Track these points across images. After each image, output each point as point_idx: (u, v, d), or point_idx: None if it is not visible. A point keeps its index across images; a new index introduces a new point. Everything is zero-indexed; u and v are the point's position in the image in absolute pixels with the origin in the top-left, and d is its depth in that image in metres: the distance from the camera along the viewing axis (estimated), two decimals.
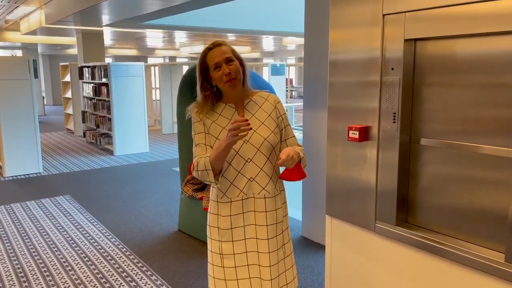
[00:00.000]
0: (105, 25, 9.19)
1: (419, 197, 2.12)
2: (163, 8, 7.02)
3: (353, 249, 2.41)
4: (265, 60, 24.14)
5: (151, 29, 10.68)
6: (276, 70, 10.14)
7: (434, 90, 2.01)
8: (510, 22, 1.68)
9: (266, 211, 1.79)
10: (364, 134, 2.23)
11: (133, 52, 21.30)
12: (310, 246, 3.84)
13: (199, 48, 17.93)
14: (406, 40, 2.02)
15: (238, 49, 18.06)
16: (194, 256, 3.65)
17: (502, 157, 1.78)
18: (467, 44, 1.87)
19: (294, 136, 1.93)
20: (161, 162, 7.59)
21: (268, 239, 1.80)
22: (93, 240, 4.05)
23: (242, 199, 1.78)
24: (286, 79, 11.95)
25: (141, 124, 8.36)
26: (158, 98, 12.24)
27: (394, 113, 2.09)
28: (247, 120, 1.57)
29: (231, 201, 1.78)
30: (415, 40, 2.03)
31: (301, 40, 15.01)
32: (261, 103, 1.84)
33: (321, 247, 3.82)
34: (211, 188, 1.90)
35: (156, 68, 12.34)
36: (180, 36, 14.52)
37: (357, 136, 2.23)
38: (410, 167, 2.15)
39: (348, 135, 2.27)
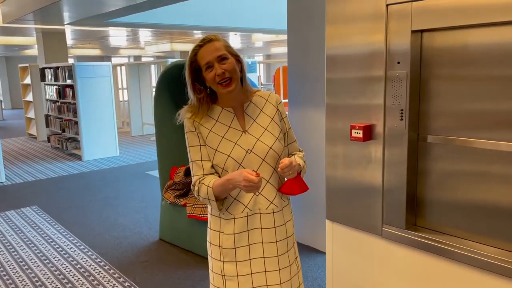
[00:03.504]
0: (67, 24, 8.74)
1: (428, 199, 2.01)
2: (127, 6, 6.71)
3: (358, 255, 2.28)
4: None
5: (116, 27, 10.28)
6: (248, 68, 9.95)
7: (443, 84, 1.89)
8: None
9: (275, 227, 1.61)
10: (368, 133, 2.09)
11: (96, 52, 20.57)
12: (303, 251, 3.69)
13: (165, 46, 17.48)
14: (413, 32, 1.89)
15: None
16: (180, 266, 3.43)
17: None
18: (478, 35, 1.76)
19: (295, 140, 1.76)
20: (133, 166, 7.27)
21: (278, 256, 1.63)
22: (67, 255, 3.76)
23: (247, 216, 1.59)
24: (258, 76, 11.82)
25: (110, 127, 7.99)
26: (125, 98, 11.82)
27: (402, 110, 1.96)
28: (259, 177, 1.42)
29: (234, 218, 1.59)
30: (422, 31, 1.91)
31: (268, 37, 14.88)
32: (262, 105, 1.65)
33: (313, 252, 3.68)
34: None
35: (123, 68, 11.90)
36: (145, 35, 14.10)
37: (361, 135, 2.08)
38: (418, 166, 2.02)
39: (351, 134, 2.12)
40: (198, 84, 1.58)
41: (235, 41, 17.06)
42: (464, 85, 1.83)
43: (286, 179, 1.64)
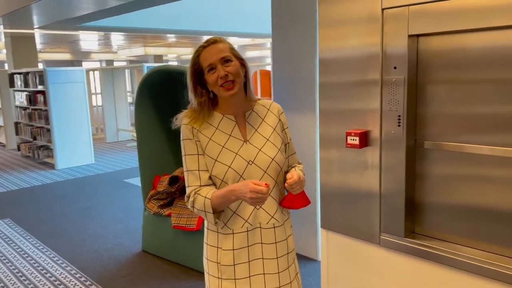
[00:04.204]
0: (37, 28, 8.44)
1: (426, 205, 1.97)
2: (98, 10, 6.52)
3: (354, 265, 2.22)
4: None
5: (88, 31, 10.01)
6: None
7: (439, 88, 1.86)
8: None
9: (276, 242, 1.53)
10: (365, 139, 2.05)
11: (66, 56, 20.06)
12: None
13: (139, 50, 17.19)
14: (410, 36, 1.85)
15: (179, 50, 17.43)
16: (165, 278, 3.31)
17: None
18: (475, 39, 1.73)
19: (295, 152, 1.69)
20: (110, 174, 7.06)
21: (278, 272, 1.55)
22: (44, 271, 3.57)
23: (247, 231, 1.50)
24: None
25: (85, 133, 7.74)
26: (99, 104, 11.53)
27: (399, 116, 1.92)
28: (267, 187, 1.34)
29: (233, 233, 1.50)
30: (418, 35, 1.87)
31: (244, 41, 14.81)
32: (263, 114, 1.57)
33: (303, 259, 3.62)
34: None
35: (96, 72, 11.61)
36: (117, 39, 13.81)
37: (357, 142, 2.04)
38: (416, 172, 1.99)
39: (347, 141, 2.07)
40: (200, 87, 1.50)
41: None
42: (461, 89, 1.80)
43: (286, 192, 1.57)
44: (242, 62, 1.49)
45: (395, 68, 1.91)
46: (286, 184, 1.42)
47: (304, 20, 3.27)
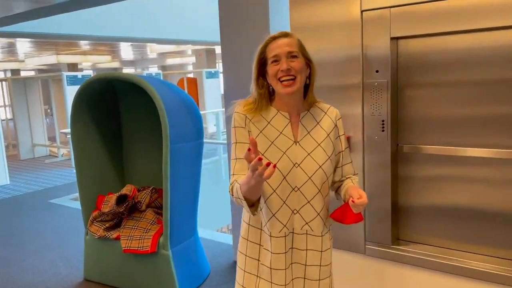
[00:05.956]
0: None
1: (410, 210, 1.95)
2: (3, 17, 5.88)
3: (337, 277, 2.13)
4: (125, 70, 22.64)
5: None
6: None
7: (420, 91, 1.85)
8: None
9: (306, 249, 1.44)
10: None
11: None
12: None
13: (50, 58, 15.94)
14: (392, 39, 1.81)
15: (95, 58, 16.34)
16: None
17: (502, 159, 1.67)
18: (455, 40, 1.74)
19: (351, 161, 1.55)
20: (30, 195, 6.36)
21: (304, 278, 1.48)
22: None
23: (285, 236, 1.42)
24: None
25: None
26: (8, 117, 10.45)
27: (383, 121, 1.88)
28: (260, 158, 1.17)
29: (271, 236, 1.41)
30: (397, 38, 1.84)
31: (163, 48, 14.34)
32: (319, 117, 1.47)
33: None
34: (244, 210, 1.49)
35: (4, 83, 10.53)
36: (24, 46, 12.66)
37: None
38: (399, 177, 1.95)
39: None
40: (262, 78, 1.44)
41: (126, 52, 16.19)
42: (441, 91, 1.80)
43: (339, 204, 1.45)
44: (309, 63, 1.41)
45: (377, 71, 1.86)
46: (352, 201, 1.30)
47: (255, 24, 3.16)
